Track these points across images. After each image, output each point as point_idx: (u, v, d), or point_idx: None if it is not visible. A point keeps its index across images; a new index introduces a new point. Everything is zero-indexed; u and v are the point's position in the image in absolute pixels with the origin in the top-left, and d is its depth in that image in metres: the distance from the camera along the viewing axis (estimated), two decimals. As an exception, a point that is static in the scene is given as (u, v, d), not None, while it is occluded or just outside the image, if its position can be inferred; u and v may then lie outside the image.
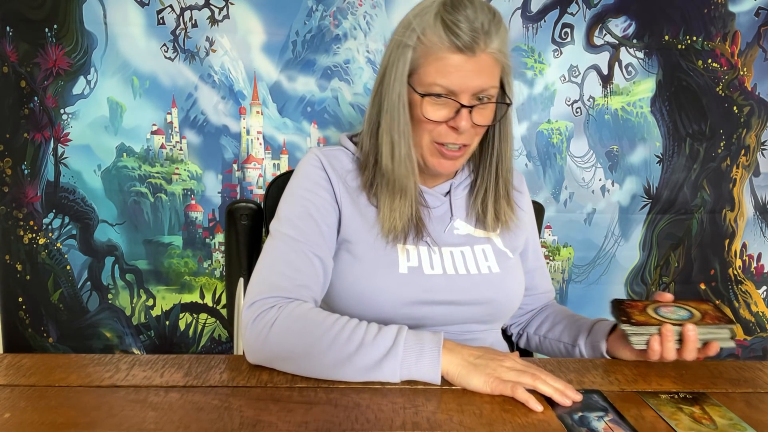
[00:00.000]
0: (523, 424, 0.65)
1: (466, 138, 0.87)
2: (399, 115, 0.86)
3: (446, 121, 0.85)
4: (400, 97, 0.86)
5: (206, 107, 1.54)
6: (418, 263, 0.90)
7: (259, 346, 0.77)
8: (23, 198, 1.56)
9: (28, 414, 0.64)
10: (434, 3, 0.83)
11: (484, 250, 0.95)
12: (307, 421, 0.64)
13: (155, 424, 0.63)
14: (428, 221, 0.94)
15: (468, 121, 0.84)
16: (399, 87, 0.86)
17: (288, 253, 0.85)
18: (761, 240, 1.68)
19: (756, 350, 1.73)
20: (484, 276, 0.92)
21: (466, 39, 0.80)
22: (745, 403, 0.73)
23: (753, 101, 1.60)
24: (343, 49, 1.53)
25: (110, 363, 0.78)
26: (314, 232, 0.88)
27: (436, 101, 0.85)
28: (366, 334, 0.74)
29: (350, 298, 0.90)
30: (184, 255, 1.61)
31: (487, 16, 0.82)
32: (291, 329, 0.76)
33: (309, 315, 0.78)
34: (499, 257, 0.96)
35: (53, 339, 1.64)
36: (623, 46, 1.56)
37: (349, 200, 0.92)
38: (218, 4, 1.48)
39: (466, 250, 0.94)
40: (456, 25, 0.80)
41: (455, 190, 0.98)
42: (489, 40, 0.82)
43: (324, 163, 0.94)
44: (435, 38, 0.82)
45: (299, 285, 0.83)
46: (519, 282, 0.99)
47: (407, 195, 0.90)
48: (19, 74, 1.50)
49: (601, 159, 1.62)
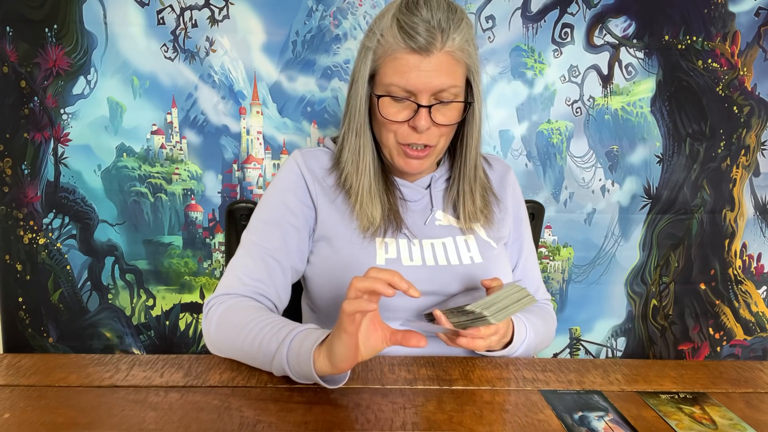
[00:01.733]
0: (523, 424, 0.65)
1: (428, 138, 0.87)
2: (356, 115, 0.89)
3: (407, 121, 0.86)
4: (360, 96, 0.89)
5: (206, 107, 1.54)
6: (397, 255, 0.90)
7: (208, 340, 0.83)
8: (23, 198, 1.56)
9: (28, 414, 0.64)
10: (395, 4, 0.85)
11: (467, 240, 0.95)
12: (307, 421, 0.64)
13: (155, 424, 0.63)
14: (407, 215, 0.95)
15: (427, 120, 0.84)
16: (360, 89, 0.88)
17: (245, 257, 0.90)
18: (761, 240, 1.68)
19: (756, 350, 1.73)
20: (466, 266, 0.92)
21: (421, 40, 0.81)
22: (745, 403, 0.73)
23: (753, 101, 1.60)
24: (343, 49, 1.53)
25: (110, 363, 0.78)
26: (275, 237, 0.91)
27: (396, 102, 0.86)
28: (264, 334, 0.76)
29: (328, 291, 0.92)
30: (184, 255, 1.61)
31: (445, 14, 0.82)
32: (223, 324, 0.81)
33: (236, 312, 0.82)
34: (482, 247, 0.95)
35: (53, 339, 1.64)
36: (623, 46, 1.56)
37: (325, 199, 0.94)
38: (218, 4, 1.48)
39: (447, 242, 0.94)
40: (410, 26, 0.81)
41: (435, 182, 0.98)
42: (446, 39, 0.82)
43: (301, 166, 0.95)
44: (391, 39, 0.83)
45: (250, 286, 0.87)
46: (503, 272, 0.98)
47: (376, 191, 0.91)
48: (19, 74, 1.50)
49: (601, 159, 1.62)
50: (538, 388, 0.75)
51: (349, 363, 0.66)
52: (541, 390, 0.74)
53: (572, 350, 1.73)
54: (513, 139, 1.60)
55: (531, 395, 0.73)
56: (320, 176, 0.96)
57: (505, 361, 0.84)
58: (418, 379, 0.76)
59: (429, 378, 0.77)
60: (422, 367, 0.80)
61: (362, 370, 0.79)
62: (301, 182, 0.95)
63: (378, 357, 0.83)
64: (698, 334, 1.72)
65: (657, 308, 1.71)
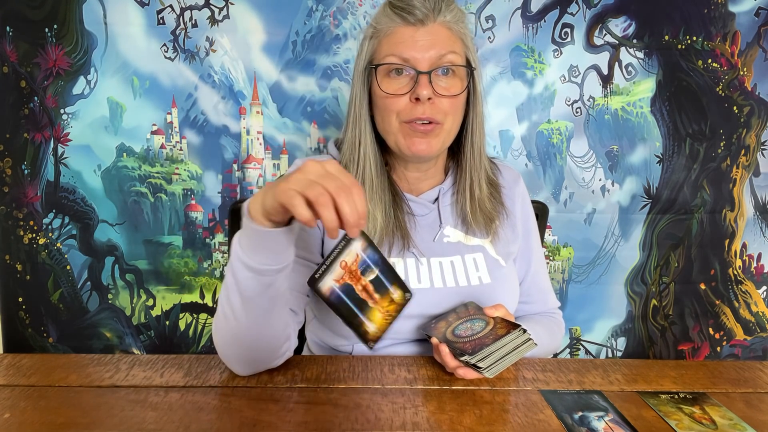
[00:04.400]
0: (523, 424, 0.65)
1: (432, 111, 0.84)
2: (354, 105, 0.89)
3: (408, 93, 0.84)
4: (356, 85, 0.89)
5: (206, 107, 1.54)
6: (405, 277, 0.88)
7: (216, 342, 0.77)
8: (23, 198, 1.56)
9: (28, 414, 0.64)
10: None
11: (475, 259, 0.93)
12: (307, 421, 0.64)
13: (155, 424, 0.63)
14: (414, 231, 0.92)
15: (428, 88, 0.83)
16: (357, 77, 0.89)
17: None
18: (761, 240, 1.68)
19: (756, 350, 1.73)
20: (474, 288, 0.90)
21: (416, 13, 0.83)
22: (745, 403, 0.73)
23: (753, 101, 1.60)
24: (343, 49, 1.53)
25: (110, 363, 0.78)
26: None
27: (395, 77, 0.85)
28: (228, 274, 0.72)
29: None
30: (184, 255, 1.61)
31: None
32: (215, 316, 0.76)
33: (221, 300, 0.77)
34: (491, 266, 0.93)
35: (53, 339, 1.64)
36: (623, 46, 1.56)
37: None
38: (218, 4, 1.48)
39: (456, 260, 0.92)
40: (404, 2, 0.84)
41: (443, 196, 0.95)
42: (438, 13, 0.84)
43: None
44: (386, 20, 0.85)
45: None
46: (512, 292, 0.96)
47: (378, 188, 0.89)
48: (19, 74, 1.50)
49: (601, 159, 1.62)
50: (538, 388, 0.75)
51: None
52: (541, 390, 0.74)
53: (572, 350, 1.73)
54: (513, 139, 1.60)
55: (531, 395, 0.73)
56: None
57: (505, 361, 0.84)
58: (418, 379, 0.76)
59: (429, 378, 0.77)
60: (422, 367, 0.80)
61: (362, 370, 0.79)
62: None
63: (378, 357, 0.83)
64: (698, 334, 1.72)
65: (657, 308, 1.71)
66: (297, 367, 0.79)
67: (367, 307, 0.70)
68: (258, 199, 0.66)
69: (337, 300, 0.68)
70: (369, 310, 0.69)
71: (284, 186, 0.61)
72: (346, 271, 0.70)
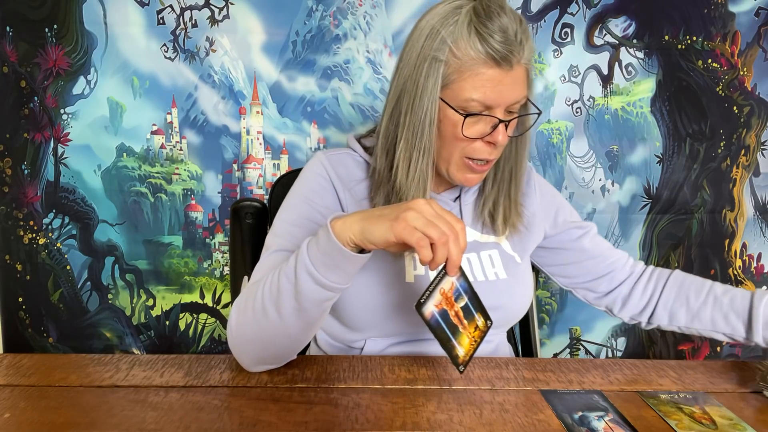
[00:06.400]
0: (523, 424, 0.65)
1: (498, 153, 0.85)
2: (424, 133, 0.82)
3: (482, 137, 0.82)
4: (428, 113, 0.81)
5: (206, 107, 1.54)
6: (425, 271, 0.88)
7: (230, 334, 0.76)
8: (23, 198, 1.56)
9: (28, 414, 0.64)
10: (462, 10, 0.78)
11: (491, 255, 0.93)
12: (307, 421, 0.64)
13: (155, 424, 0.63)
14: None
15: (505, 136, 0.82)
16: (428, 103, 0.81)
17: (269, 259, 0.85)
18: (761, 240, 1.68)
19: (756, 350, 1.73)
20: (491, 283, 0.91)
21: (502, 51, 0.76)
22: (745, 403, 0.73)
23: (753, 101, 1.60)
24: (343, 49, 1.53)
25: (110, 363, 0.78)
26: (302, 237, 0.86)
27: (474, 118, 0.81)
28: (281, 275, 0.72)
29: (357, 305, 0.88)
30: (184, 255, 1.61)
31: (518, 24, 0.78)
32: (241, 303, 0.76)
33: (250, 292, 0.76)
34: (507, 263, 0.94)
35: (53, 339, 1.64)
36: (623, 46, 1.56)
37: (356, 208, 0.90)
38: (218, 4, 1.48)
39: (472, 257, 0.92)
40: (492, 36, 0.76)
41: (465, 194, 0.95)
42: (522, 51, 0.78)
43: (329, 170, 0.92)
44: (470, 51, 0.77)
45: None
46: (527, 287, 0.96)
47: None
48: (19, 74, 1.50)
49: (601, 159, 1.62)
50: (538, 388, 0.75)
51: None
52: (541, 390, 0.74)
53: (572, 350, 1.73)
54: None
55: (531, 395, 0.72)
56: (350, 185, 0.91)
57: (505, 360, 0.84)
58: (418, 379, 0.76)
59: (429, 378, 0.77)
60: (422, 367, 0.80)
61: (362, 370, 0.79)
62: (329, 187, 0.91)
63: (378, 357, 0.84)
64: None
65: (657, 308, 1.70)
66: (297, 367, 0.79)
67: (458, 331, 0.73)
68: (354, 224, 0.67)
69: (435, 324, 0.72)
70: (459, 334, 0.73)
71: (403, 224, 0.64)
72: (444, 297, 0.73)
